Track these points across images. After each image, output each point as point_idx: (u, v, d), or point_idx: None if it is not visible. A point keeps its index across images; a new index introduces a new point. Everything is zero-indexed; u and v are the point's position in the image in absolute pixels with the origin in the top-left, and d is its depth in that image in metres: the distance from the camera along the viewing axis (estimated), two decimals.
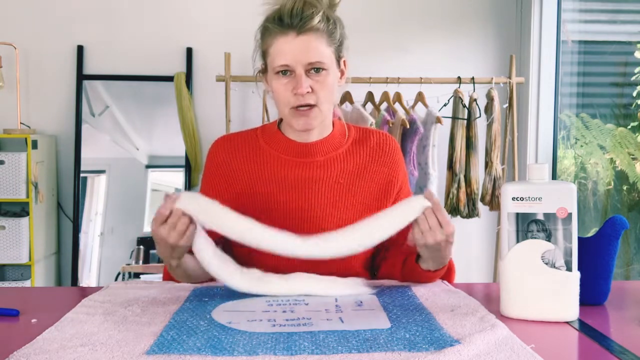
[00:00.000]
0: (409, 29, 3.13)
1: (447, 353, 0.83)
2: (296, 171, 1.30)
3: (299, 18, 1.20)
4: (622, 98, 3.37)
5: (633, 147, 3.27)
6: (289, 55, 1.21)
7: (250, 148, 1.34)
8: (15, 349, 0.86)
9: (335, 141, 1.34)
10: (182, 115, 2.99)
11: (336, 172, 1.32)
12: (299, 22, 1.20)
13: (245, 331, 0.94)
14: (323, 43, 1.23)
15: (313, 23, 1.21)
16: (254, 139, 1.35)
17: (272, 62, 1.23)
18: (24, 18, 3.03)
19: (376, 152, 1.35)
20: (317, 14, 1.21)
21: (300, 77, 1.21)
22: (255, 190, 1.31)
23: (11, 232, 2.75)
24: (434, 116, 2.72)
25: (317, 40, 1.22)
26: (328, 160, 1.32)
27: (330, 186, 1.30)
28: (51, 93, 3.06)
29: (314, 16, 1.21)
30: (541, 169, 1.04)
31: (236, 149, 1.34)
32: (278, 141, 1.33)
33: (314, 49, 1.21)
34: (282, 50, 1.21)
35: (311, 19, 1.20)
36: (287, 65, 1.21)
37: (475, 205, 2.79)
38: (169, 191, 1.23)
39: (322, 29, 1.22)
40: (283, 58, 1.21)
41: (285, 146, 1.32)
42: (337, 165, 1.32)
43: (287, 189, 1.30)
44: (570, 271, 1.02)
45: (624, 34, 3.36)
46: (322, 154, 1.32)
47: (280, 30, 1.21)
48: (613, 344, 0.90)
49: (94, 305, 1.10)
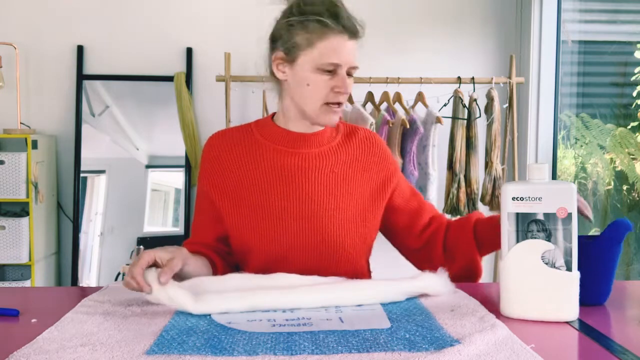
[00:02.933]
0: (409, 29, 3.13)
1: (447, 353, 0.83)
2: (292, 160, 1.33)
3: (353, 24, 1.26)
4: (622, 98, 3.37)
5: (633, 147, 3.27)
6: (342, 56, 1.25)
7: (245, 141, 1.36)
8: (15, 349, 0.86)
9: (327, 135, 1.38)
10: (182, 115, 2.99)
11: (331, 162, 1.35)
12: (354, 27, 1.26)
13: (245, 331, 0.94)
14: (357, 50, 1.29)
15: (362, 33, 1.28)
16: (249, 133, 1.38)
17: (321, 57, 1.24)
18: (24, 18, 3.04)
19: (365, 145, 1.41)
20: (362, 27, 1.28)
21: (345, 78, 1.26)
22: (252, 181, 1.33)
23: (11, 232, 2.75)
24: (434, 116, 2.72)
25: (357, 47, 1.29)
26: (322, 152, 1.35)
27: (326, 174, 1.33)
28: (51, 93, 3.06)
29: (362, 27, 1.28)
30: (541, 169, 1.04)
31: (231, 143, 1.36)
32: (273, 133, 1.35)
33: (356, 54, 1.28)
34: (337, 49, 1.25)
35: (361, 28, 1.27)
36: (339, 64, 1.25)
37: (475, 205, 2.79)
38: (139, 249, 1.21)
39: (360, 37, 1.29)
40: (336, 57, 1.24)
41: (281, 138, 1.35)
42: (331, 156, 1.36)
43: (284, 178, 1.32)
44: (570, 271, 1.02)
45: (624, 34, 3.36)
46: (316, 146, 1.35)
47: (337, 29, 1.24)
48: (613, 344, 0.90)
49: (94, 305, 1.10)
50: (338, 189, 1.33)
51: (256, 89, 2.93)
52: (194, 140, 3.01)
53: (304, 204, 1.30)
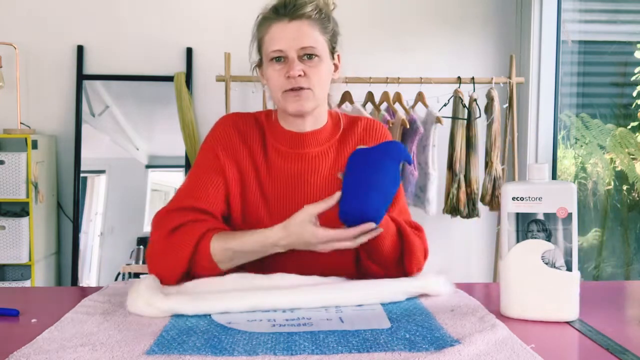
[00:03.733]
0: (409, 29, 3.13)
1: (447, 353, 0.83)
2: (290, 164, 1.31)
3: (292, 5, 1.23)
4: (622, 98, 3.37)
5: (633, 147, 3.27)
6: (282, 41, 1.23)
7: (256, 133, 1.34)
8: (15, 349, 0.86)
9: (328, 132, 1.35)
10: (182, 115, 2.99)
11: (329, 164, 1.32)
12: (292, 8, 1.23)
13: (245, 331, 0.94)
14: (315, 30, 1.25)
15: (305, 10, 1.24)
16: (260, 125, 1.35)
17: (267, 50, 1.25)
18: (24, 18, 3.03)
19: (363, 139, 1.36)
20: (310, 3, 1.25)
21: (293, 61, 1.23)
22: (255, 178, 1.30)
23: (11, 232, 2.75)
24: (434, 116, 2.72)
25: (309, 26, 1.25)
26: (321, 152, 1.33)
27: (324, 177, 1.31)
28: (51, 93, 3.06)
29: (306, 4, 1.24)
30: (541, 169, 1.04)
31: (245, 131, 1.33)
32: (276, 131, 1.34)
33: (306, 34, 1.24)
34: (276, 36, 1.24)
35: (303, 6, 1.24)
36: (281, 50, 1.23)
37: (475, 205, 2.79)
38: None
39: (315, 17, 1.26)
40: (276, 44, 1.23)
41: (281, 136, 1.33)
42: (330, 156, 1.33)
43: (284, 179, 1.30)
44: (570, 271, 1.01)
45: (624, 34, 3.36)
46: (315, 145, 1.32)
47: (274, 18, 1.24)
48: (613, 344, 0.90)
49: (94, 305, 1.10)
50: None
51: (256, 89, 2.92)
52: (194, 140, 3.01)
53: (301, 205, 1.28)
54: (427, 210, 2.76)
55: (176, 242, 1.18)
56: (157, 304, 1.03)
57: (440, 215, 2.85)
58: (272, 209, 1.29)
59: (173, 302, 1.03)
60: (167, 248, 1.19)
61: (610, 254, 3.36)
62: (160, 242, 1.20)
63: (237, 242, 1.18)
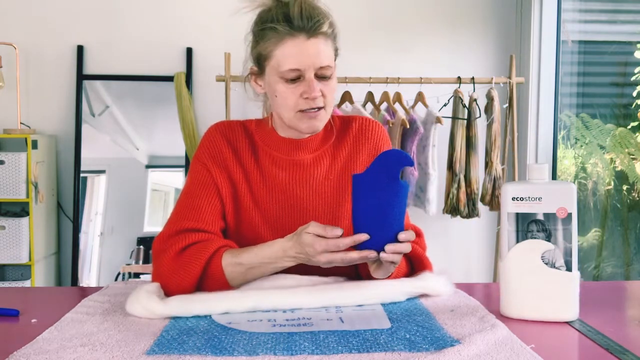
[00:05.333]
0: (409, 29, 3.13)
1: (447, 353, 0.83)
2: (286, 172, 1.28)
3: (311, 21, 1.15)
4: (622, 98, 3.38)
5: (633, 147, 3.27)
6: (300, 59, 1.16)
7: (246, 142, 1.31)
8: (15, 349, 0.86)
9: (321, 137, 1.31)
10: (182, 115, 2.99)
11: (325, 169, 1.30)
12: (311, 25, 1.16)
13: (245, 331, 0.94)
14: (329, 47, 1.20)
15: (324, 28, 1.18)
16: (250, 134, 1.32)
17: (279, 66, 1.17)
18: (24, 18, 3.03)
19: (358, 140, 1.33)
20: (326, 19, 1.19)
21: (312, 82, 1.17)
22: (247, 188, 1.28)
23: (11, 232, 2.75)
24: (434, 116, 2.72)
25: (325, 44, 1.18)
26: (317, 157, 1.30)
27: (320, 183, 1.29)
28: (51, 93, 3.06)
29: (325, 20, 1.18)
30: (541, 169, 1.04)
31: (234, 139, 1.30)
32: (270, 138, 1.30)
33: (323, 52, 1.17)
34: (294, 54, 1.16)
35: (323, 22, 1.17)
36: (299, 69, 1.16)
37: (475, 205, 2.79)
38: None
39: (329, 33, 1.20)
40: (293, 62, 1.16)
41: (276, 143, 1.29)
42: (326, 161, 1.30)
43: (279, 187, 1.28)
44: (570, 271, 1.02)
45: (624, 34, 3.36)
46: (311, 151, 1.30)
47: (289, 33, 1.16)
48: (613, 344, 0.90)
49: (94, 305, 1.10)
50: (333, 197, 1.29)
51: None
52: (194, 140, 3.01)
53: (300, 213, 1.27)
54: (427, 210, 2.76)
55: (187, 261, 1.15)
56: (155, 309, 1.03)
57: (440, 215, 2.85)
58: (266, 216, 1.26)
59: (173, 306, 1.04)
60: (178, 268, 1.15)
61: (610, 254, 3.36)
62: (170, 263, 1.16)
63: (247, 255, 1.15)
